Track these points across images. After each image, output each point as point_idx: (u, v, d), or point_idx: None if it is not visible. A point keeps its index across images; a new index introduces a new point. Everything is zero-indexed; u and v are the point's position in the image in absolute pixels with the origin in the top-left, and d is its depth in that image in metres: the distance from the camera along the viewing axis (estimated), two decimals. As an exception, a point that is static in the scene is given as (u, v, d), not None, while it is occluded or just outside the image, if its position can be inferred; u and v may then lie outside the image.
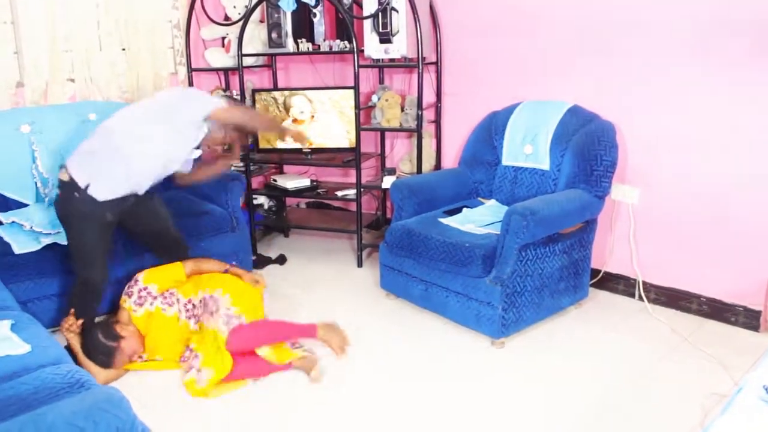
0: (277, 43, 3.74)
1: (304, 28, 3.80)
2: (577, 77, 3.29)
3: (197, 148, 2.81)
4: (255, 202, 4.13)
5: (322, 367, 2.62)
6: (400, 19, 3.41)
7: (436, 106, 3.87)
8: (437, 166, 3.94)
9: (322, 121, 3.84)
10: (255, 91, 3.95)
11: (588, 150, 3.02)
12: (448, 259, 2.84)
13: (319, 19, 3.83)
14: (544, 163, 3.21)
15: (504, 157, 3.38)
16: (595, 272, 3.33)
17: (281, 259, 3.91)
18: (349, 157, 3.85)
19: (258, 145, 3.98)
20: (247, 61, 3.93)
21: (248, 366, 2.59)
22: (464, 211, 3.22)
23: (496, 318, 2.74)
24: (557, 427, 2.27)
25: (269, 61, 4.25)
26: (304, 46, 3.73)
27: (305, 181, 4.07)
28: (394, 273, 3.18)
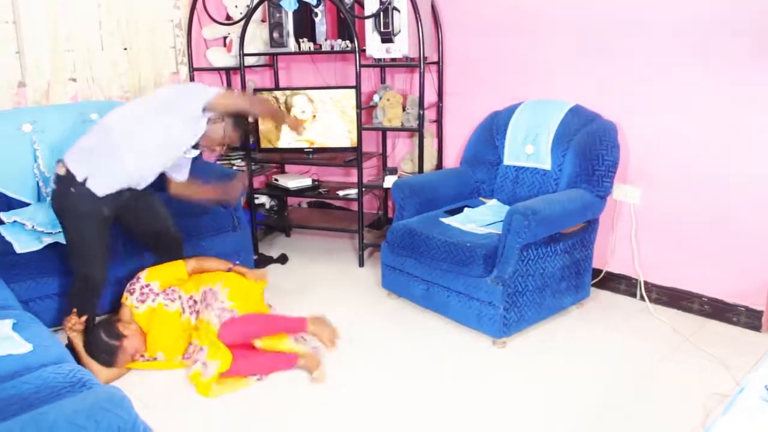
0: (278, 42, 3.74)
1: (305, 27, 3.80)
2: (578, 77, 3.28)
3: (195, 148, 2.81)
4: (256, 202, 4.14)
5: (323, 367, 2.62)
6: (402, 19, 3.41)
7: (438, 105, 3.87)
8: (439, 166, 3.94)
9: (323, 120, 3.84)
10: (256, 91, 3.96)
11: (589, 150, 3.02)
12: (449, 258, 2.84)
13: (321, 19, 3.83)
14: (545, 163, 3.21)
15: (505, 157, 3.37)
16: (597, 272, 3.33)
17: (283, 259, 3.91)
18: (351, 157, 3.85)
19: (259, 145, 3.99)
20: (249, 61, 3.94)
21: (252, 362, 2.59)
22: (466, 210, 3.22)
23: (497, 318, 2.74)
24: (558, 427, 2.26)
25: (271, 61, 4.25)
26: (306, 45, 3.73)
27: (307, 181, 4.07)
28: (395, 273, 3.18)
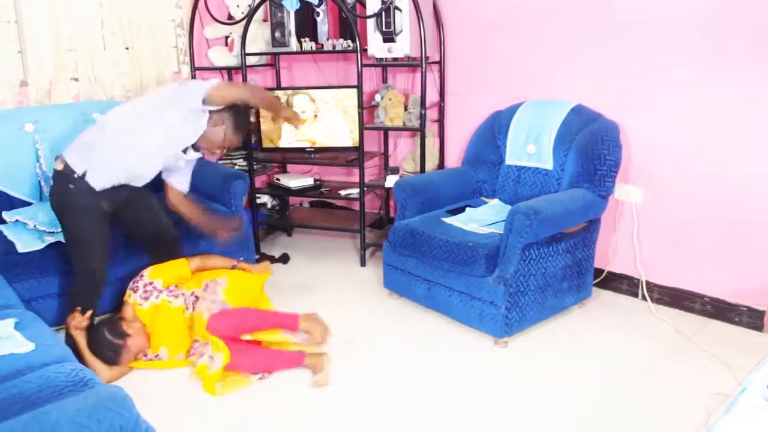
0: (280, 42, 3.74)
1: (307, 27, 3.80)
2: (580, 77, 3.28)
3: (196, 150, 2.81)
4: (258, 201, 4.14)
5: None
6: (404, 18, 3.41)
7: (440, 105, 3.87)
8: (440, 166, 3.94)
9: (325, 120, 3.84)
10: (258, 91, 3.95)
11: (591, 149, 3.01)
12: (451, 258, 2.84)
13: (323, 18, 3.83)
14: (547, 163, 3.21)
15: (507, 157, 3.37)
16: (599, 272, 3.32)
17: (284, 258, 3.91)
18: (353, 156, 3.85)
19: (261, 144, 3.99)
20: (251, 60, 3.94)
21: (259, 359, 2.60)
22: (467, 210, 3.22)
23: (499, 317, 2.74)
24: (560, 427, 2.26)
25: (272, 60, 4.25)
26: (308, 45, 3.73)
27: (308, 180, 4.07)
28: (397, 272, 3.18)
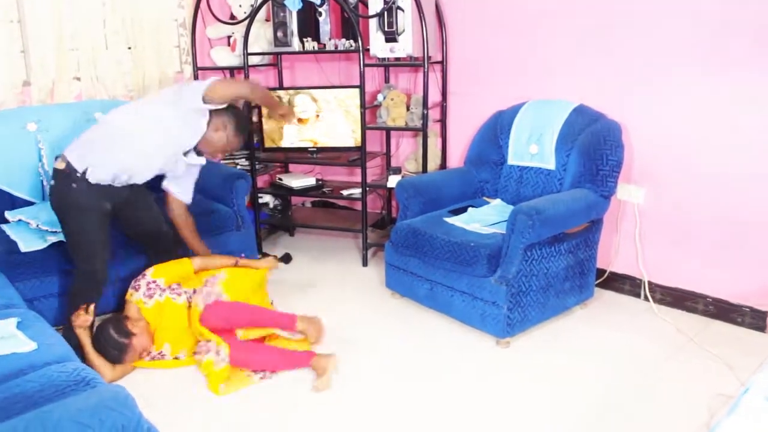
0: (282, 42, 3.74)
1: (309, 27, 3.80)
2: (582, 77, 3.27)
3: (199, 155, 2.80)
4: (260, 201, 4.14)
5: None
6: (406, 18, 3.41)
7: (442, 105, 3.86)
8: (442, 166, 3.94)
9: (327, 120, 3.84)
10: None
11: (594, 149, 3.01)
12: (453, 258, 2.84)
13: (325, 18, 3.83)
14: (549, 163, 3.20)
15: (509, 157, 3.37)
16: (601, 272, 3.32)
17: (286, 258, 3.91)
18: (355, 156, 3.85)
19: (263, 144, 3.99)
20: (253, 60, 3.94)
21: (265, 357, 2.61)
22: (469, 210, 3.22)
23: (501, 317, 2.74)
24: (562, 427, 2.26)
25: (275, 60, 4.25)
26: (310, 45, 3.73)
27: (310, 180, 4.07)
28: (399, 272, 3.18)
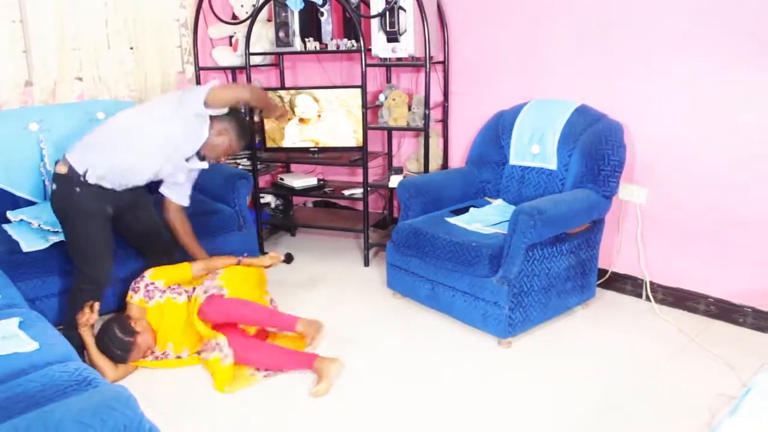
0: (284, 42, 3.74)
1: (311, 27, 3.80)
2: (584, 76, 3.27)
3: (203, 160, 2.80)
4: (262, 201, 4.14)
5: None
6: (408, 18, 3.41)
7: (443, 105, 3.86)
8: (444, 166, 3.94)
9: (329, 120, 3.84)
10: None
11: (595, 149, 3.01)
12: (454, 258, 2.84)
13: (327, 18, 3.83)
14: (551, 163, 3.20)
15: (511, 157, 3.37)
16: (602, 272, 3.32)
17: (288, 258, 3.90)
18: (356, 156, 3.85)
19: (265, 144, 3.99)
20: (255, 60, 3.94)
21: (270, 356, 2.62)
22: (471, 210, 3.21)
23: (502, 318, 2.73)
24: (563, 427, 2.26)
25: (277, 60, 4.25)
26: (312, 45, 3.74)
27: (312, 180, 4.07)
28: (400, 272, 3.18)
